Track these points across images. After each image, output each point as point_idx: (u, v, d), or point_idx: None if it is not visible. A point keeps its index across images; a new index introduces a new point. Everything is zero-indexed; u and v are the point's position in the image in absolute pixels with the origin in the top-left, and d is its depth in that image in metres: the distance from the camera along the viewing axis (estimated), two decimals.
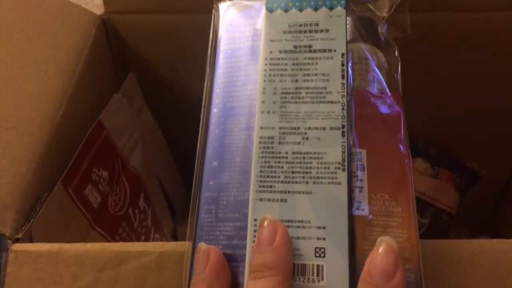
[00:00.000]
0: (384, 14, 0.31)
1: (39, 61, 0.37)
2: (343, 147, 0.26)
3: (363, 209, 0.26)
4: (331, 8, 0.29)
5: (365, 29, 0.31)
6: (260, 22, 0.30)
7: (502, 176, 0.58)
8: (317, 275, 0.24)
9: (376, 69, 0.30)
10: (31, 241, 0.30)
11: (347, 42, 0.29)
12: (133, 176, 0.44)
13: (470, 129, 0.53)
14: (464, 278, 0.26)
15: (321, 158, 0.26)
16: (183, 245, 0.27)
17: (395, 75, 0.30)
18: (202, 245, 0.25)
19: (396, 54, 0.31)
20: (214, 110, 0.29)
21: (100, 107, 0.40)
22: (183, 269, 0.26)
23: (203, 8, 0.43)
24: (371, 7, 0.31)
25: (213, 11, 0.32)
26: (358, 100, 0.28)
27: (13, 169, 0.31)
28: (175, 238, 0.53)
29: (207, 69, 0.30)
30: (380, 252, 0.22)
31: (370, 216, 0.25)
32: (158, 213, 0.49)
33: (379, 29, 0.31)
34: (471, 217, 0.58)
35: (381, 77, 0.30)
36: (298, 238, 0.25)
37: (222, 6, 0.32)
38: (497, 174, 0.57)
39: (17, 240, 0.29)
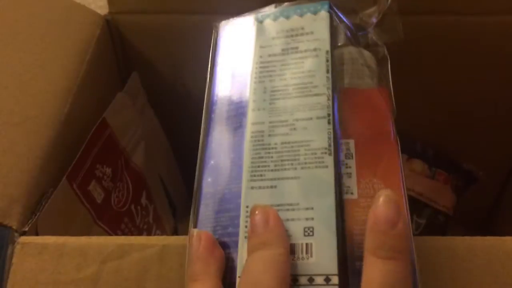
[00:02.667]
0: (373, 20, 0.33)
1: (45, 59, 0.38)
2: (329, 133, 0.27)
3: (351, 193, 0.26)
4: (315, 13, 0.31)
5: (353, 34, 0.32)
6: (252, 33, 0.32)
7: (499, 177, 0.58)
8: (306, 252, 0.24)
9: (365, 68, 0.31)
10: (37, 234, 0.31)
11: (333, 44, 0.30)
12: (136, 173, 0.45)
13: (467, 131, 0.53)
14: (459, 273, 0.27)
15: (309, 145, 0.27)
16: (185, 239, 0.28)
17: (385, 73, 0.31)
18: (194, 231, 0.26)
19: (385, 53, 0.32)
20: (212, 115, 0.31)
21: (104, 106, 0.40)
22: (185, 262, 0.26)
23: (206, 9, 0.44)
24: (361, 15, 0.33)
25: (213, 31, 0.34)
26: (348, 96, 0.30)
27: (19, 164, 0.32)
28: (175, 235, 0.54)
29: (207, 81, 0.32)
30: (382, 203, 0.23)
31: (359, 199, 0.26)
32: (159, 210, 0.50)
33: (371, 35, 0.33)
34: (468, 218, 0.59)
35: (370, 75, 0.31)
36: (287, 220, 0.25)
37: (220, 25, 0.34)
38: (494, 175, 0.57)
39: (23, 233, 0.30)
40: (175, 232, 0.54)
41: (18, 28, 0.40)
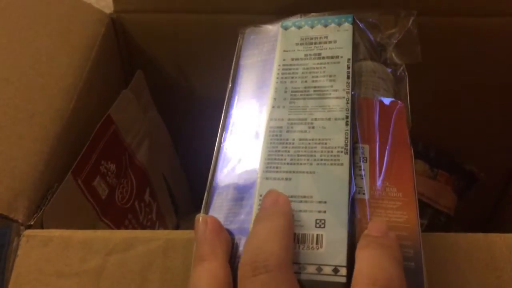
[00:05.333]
0: (393, 40, 0.34)
1: (51, 56, 0.38)
2: (346, 134, 0.28)
3: (363, 194, 0.27)
4: (339, 24, 0.33)
5: (373, 50, 0.34)
6: (276, 38, 0.34)
7: (500, 179, 0.58)
8: (317, 243, 0.25)
9: (381, 81, 0.32)
10: (42, 228, 0.31)
11: (354, 55, 0.32)
12: (140, 170, 0.45)
13: (469, 132, 0.53)
14: (462, 268, 0.27)
15: (325, 143, 0.28)
16: (190, 233, 0.28)
17: (402, 90, 0.33)
18: (200, 215, 0.27)
19: (404, 71, 0.33)
20: (231, 112, 0.32)
21: (108, 103, 0.41)
22: (190, 254, 0.27)
23: (210, 9, 0.44)
24: (382, 35, 0.34)
25: (239, 36, 0.36)
26: (364, 105, 0.31)
27: (26, 159, 0.32)
28: None
29: (229, 83, 0.33)
30: (374, 221, 0.26)
31: (371, 200, 0.27)
32: (162, 207, 0.50)
33: (390, 53, 0.34)
34: (469, 218, 0.59)
35: (386, 88, 0.32)
36: (300, 211, 0.26)
37: (246, 30, 0.36)
38: (495, 177, 0.58)
39: (29, 227, 0.30)
40: (177, 230, 0.54)
41: (25, 25, 0.40)
